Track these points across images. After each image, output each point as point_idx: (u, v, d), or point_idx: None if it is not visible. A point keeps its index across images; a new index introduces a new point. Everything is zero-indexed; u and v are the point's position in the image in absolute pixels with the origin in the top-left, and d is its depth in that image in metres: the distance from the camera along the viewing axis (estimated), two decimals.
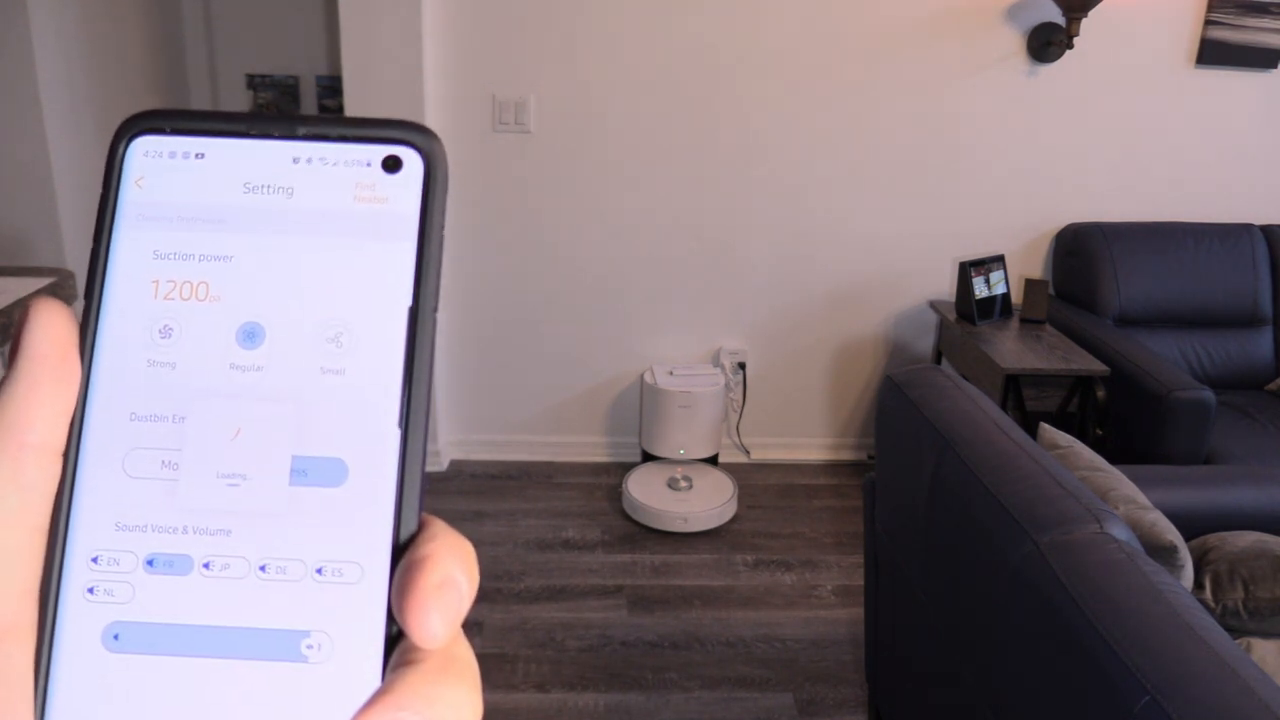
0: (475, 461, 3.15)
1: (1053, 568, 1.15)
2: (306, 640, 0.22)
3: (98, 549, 0.23)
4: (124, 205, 0.24)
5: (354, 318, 0.24)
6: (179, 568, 0.22)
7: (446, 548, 0.22)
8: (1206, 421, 2.41)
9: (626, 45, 2.83)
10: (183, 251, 0.24)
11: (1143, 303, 2.92)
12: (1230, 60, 2.95)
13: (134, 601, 0.22)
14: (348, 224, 0.24)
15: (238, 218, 0.24)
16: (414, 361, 0.24)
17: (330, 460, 0.23)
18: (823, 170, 2.98)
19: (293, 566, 0.23)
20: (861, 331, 3.16)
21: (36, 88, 2.43)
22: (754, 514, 2.89)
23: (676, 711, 2.07)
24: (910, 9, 2.85)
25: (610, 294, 3.05)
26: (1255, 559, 1.66)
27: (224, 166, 0.25)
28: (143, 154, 0.25)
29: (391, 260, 0.24)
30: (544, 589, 2.49)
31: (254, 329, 0.24)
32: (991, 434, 1.45)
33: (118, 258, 0.24)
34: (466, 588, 0.22)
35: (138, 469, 0.23)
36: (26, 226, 2.54)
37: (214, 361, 0.23)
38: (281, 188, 0.24)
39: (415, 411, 0.23)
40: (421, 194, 0.24)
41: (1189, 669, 0.97)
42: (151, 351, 0.24)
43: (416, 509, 0.23)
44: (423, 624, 0.21)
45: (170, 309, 0.24)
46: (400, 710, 0.21)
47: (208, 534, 0.23)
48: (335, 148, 0.25)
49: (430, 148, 0.25)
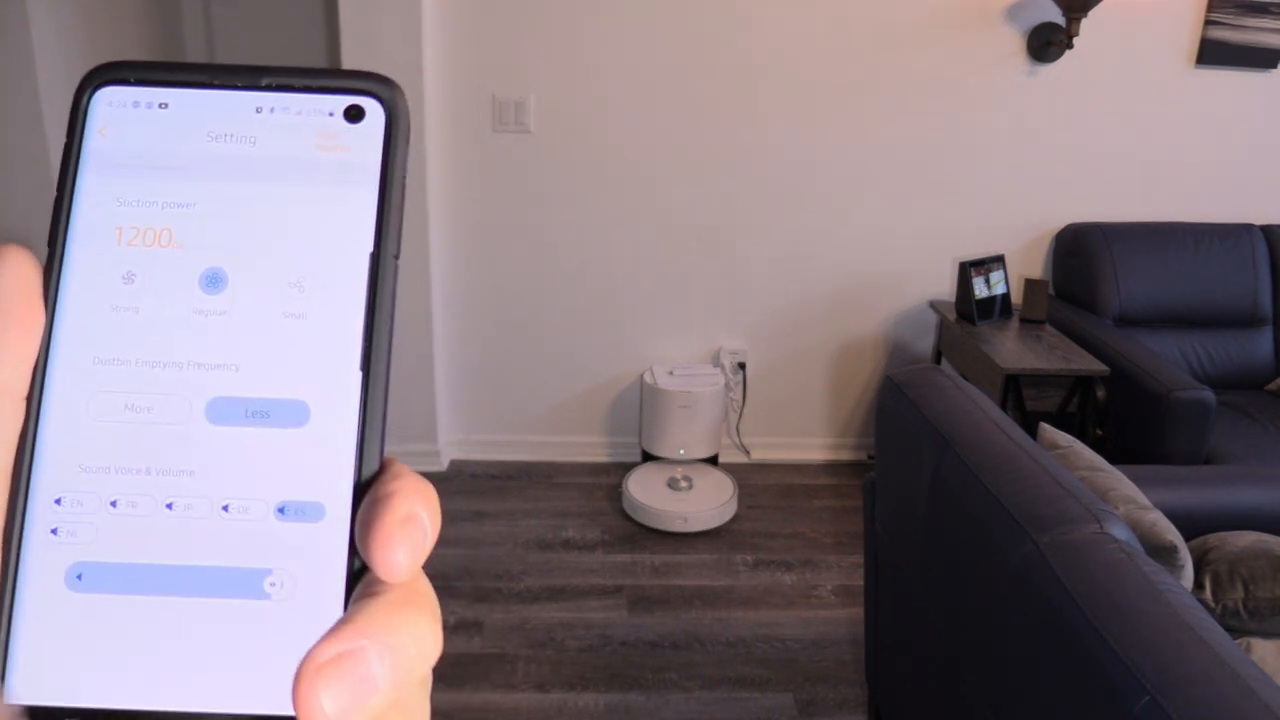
0: (475, 461, 3.14)
1: (1053, 568, 1.15)
2: (269, 578, 0.23)
3: (61, 490, 0.23)
4: (87, 154, 0.25)
5: (316, 263, 0.24)
6: (142, 508, 0.23)
7: (410, 486, 0.23)
8: (1206, 421, 2.41)
9: (626, 45, 2.83)
10: (146, 199, 0.24)
11: (1143, 303, 2.92)
12: (1230, 60, 2.94)
13: (97, 542, 0.23)
14: (310, 172, 0.25)
15: (200, 166, 0.24)
16: (375, 306, 0.24)
17: (292, 402, 0.23)
18: (823, 170, 2.98)
19: (255, 506, 0.23)
20: (861, 331, 3.16)
21: (36, 88, 2.43)
22: (754, 514, 2.89)
23: (676, 711, 2.07)
24: (910, 9, 2.85)
25: (610, 294, 3.05)
26: (1255, 559, 1.66)
27: (187, 116, 0.25)
28: (106, 104, 0.25)
29: (353, 207, 0.24)
30: (544, 589, 2.49)
31: (216, 274, 0.24)
32: (991, 434, 1.45)
33: (81, 205, 0.24)
34: (429, 525, 0.23)
35: (101, 412, 0.23)
36: (27, 225, 2.54)
37: (177, 306, 0.24)
38: (244, 137, 0.25)
39: (376, 354, 0.24)
40: (383, 143, 0.25)
41: (1189, 669, 0.97)
42: (115, 297, 0.24)
43: (378, 450, 0.24)
44: (388, 558, 0.22)
45: (133, 255, 0.24)
46: (362, 638, 0.21)
47: (170, 475, 0.23)
48: (298, 98, 0.25)
49: (392, 98, 0.25)
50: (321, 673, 0.20)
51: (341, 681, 0.20)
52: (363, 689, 0.20)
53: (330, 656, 0.20)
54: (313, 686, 0.20)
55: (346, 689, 0.20)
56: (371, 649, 0.21)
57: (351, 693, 0.20)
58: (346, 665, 0.20)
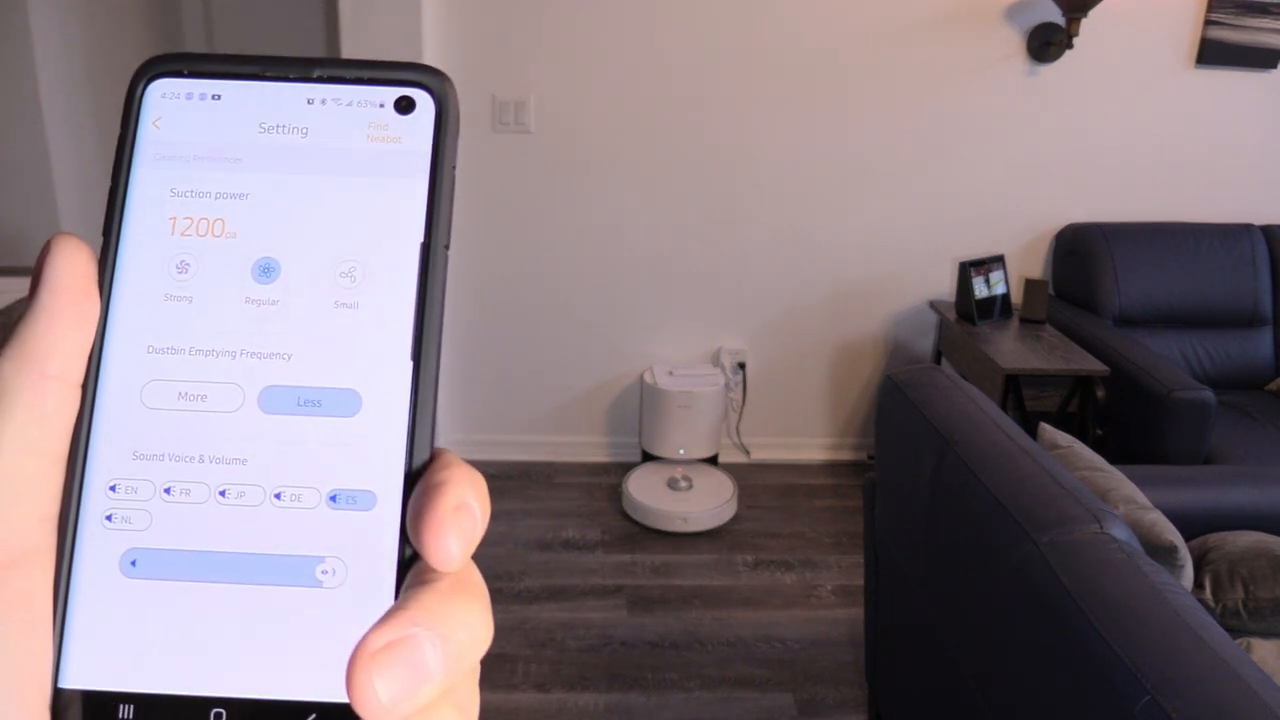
0: (475, 461, 3.13)
1: (1053, 568, 1.15)
2: (321, 566, 0.23)
3: (115, 477, 0.23)
4: (141, 145, 0.25)
5: (367, 253, 0.24)
6: (195, 495, 0.23)
7: (461, 475, 0.23)
8: (1206, 421, 2.41)
9: (626, 45, 2.83)
10: (199, 189, 0.25)
11: (1143, 303, 2.92)
12: (1230, 60, 2.94)
13: (151, 529, 0.23)
14: (361, 162, 0.25)
15: (253, 156, 0.25)
16: (426, 295, 0.24)
17: (344, 391, 0.24)
18: (823, 170, 2.98)
19: (307, 494, 0.23)
20: (861, 331, 3.16)
21: (36, 88, 2.43)
22: (754, 514, 2.89)
23: (676, 711, 2.07)
24: (910, 9, 2.85)
25: (610, 294, 3.05)
26: (1255, 559, 1.66)
27: (240, 107, 0.25)
28: (160, 95, 0.25)
29: (404, 197, 0.25)
30: (544, 589, 2.49)
31: (269, 264, 0.24)
32: (991, 434, 1.45)
33: (135, 195, 0.25)
34: (480, 514, 0.23)
35: (155, 400, 0.24)
36: (26, 226, 2.54)
37: (230, 296, 0.24)
38: (296, 128, 0.25)
39: (427, 344, 0.24)
40: (433, 134, 0.25)
41: (1189, 669, 0.97)
42: (169, 286, 0.24)
43: (429, 439, 0.24)
44: (441, 546, 0.22)
45: (187, 245, 0.24)
46: (414, 625, 0.21)
47: (224, 463, 0.23)
48: (349, 89, 0.25)
49: (442, 89, 0.26)
50: (375, 659, 0.20)
51: (395, 668, 0.20)
52: (416, 676, 0.21)
53: (384, 644, 0.21)
54: (367, 673, 0.20)
55: (400, 676, 0.20)
56: (424, 636, 0.21)
57: (405, 680, 0.20)
58: (400, 652, 0.21)
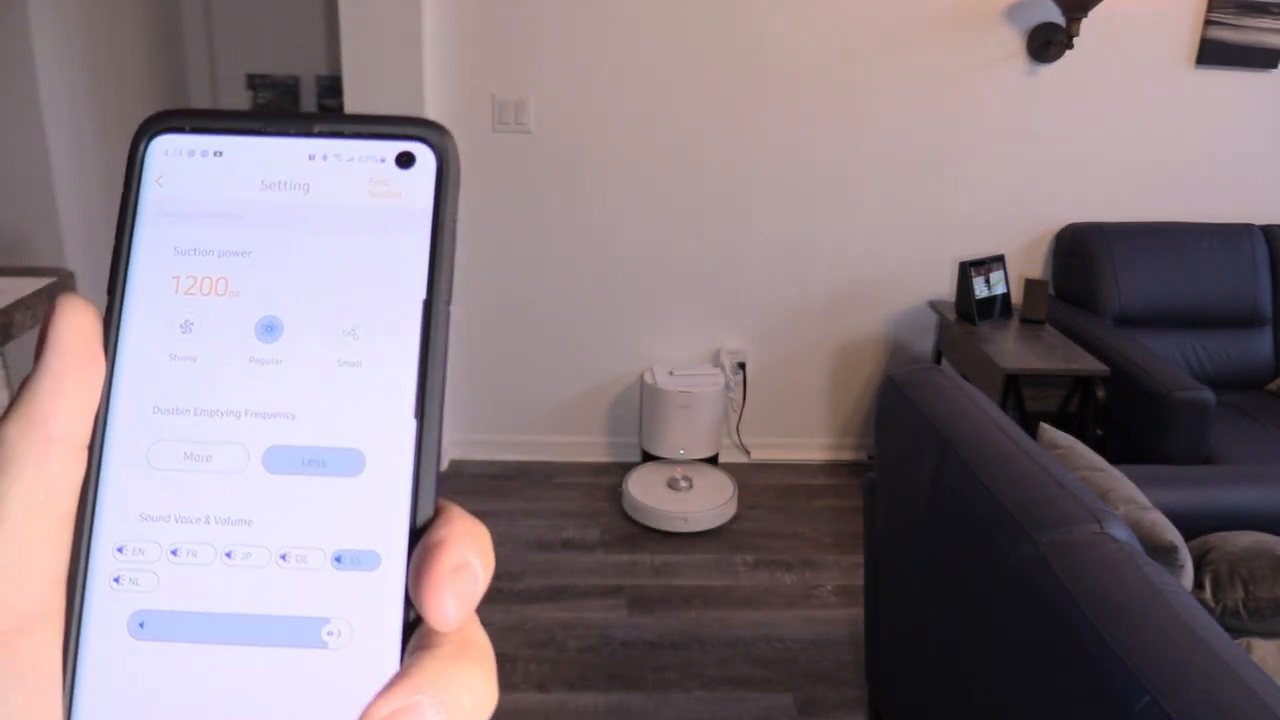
0: (475, 461, 3.15)
1: (1053, 568, 1.15)
2: (327, 627, 0.23)
3: (123, 539, 0.23)
4: (144, 203, 0.25)
5: (370, 311, 0.24)
6: (202, 557, 0.23)
7: (462, 532, 0.23)
8: (1206, 421, 2.41)
9: (626, 45, 2.83)
10: (202, 247, 0.25)
11: (1143, 303, 2.92)
12: (1230, 60, 2.94)
13: (158, 590, 0.23)
14: (363, 219, 0.25)
15: (255, 214, 0.25)
16: (429, 353, 0.24)
17: (348, 451, 0.24)
18: (823, 170, 2.98)
19: (312, 555, 0.23)
20: (861, 331, 3.16)
21: (36, 88, 2.43)
22: (754, 514, 2.89)
23: (676, 711, 2.07)
24: (910, 9, 2.85)
25: (610, 294, 3.05)
26: (1255, 559, 1.66)
27: (242, 164, 0.25)
28: (162, 152, 0.25)
29: (406, 254, 0.25)
30: (544, 589, 2.49)
31: (272, 323, 0.24)
32: (991, 434, 1.45)
33: (139, 254, 0.25)
34: (481, 571, 0.23)
35: (161, 461, 0.24)
36: (26, 226, 2.54)
37: (234, 355, 0.24)
38: (298, 184, 0.25)
39: (430, 402, 0.24)
40: (435, 189, 0.25)
41: (1189, 669, 0.97)
42: (173, 346, 0.24)
43: (433, 497, 0.24)
44: (438, 608, 0.22)
45: (191, 304, 0.24)
46: (417, 693, 0.21)
47: (229, 524, 0.23)
48: (350, 144, 0.25)
49: (443, 143, 0.25)
50: None
51: None
52: None
53: (387, 713, 0.21)
54: None
55: None
56: (428, 704, 0.21)
57: None
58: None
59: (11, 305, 1.62)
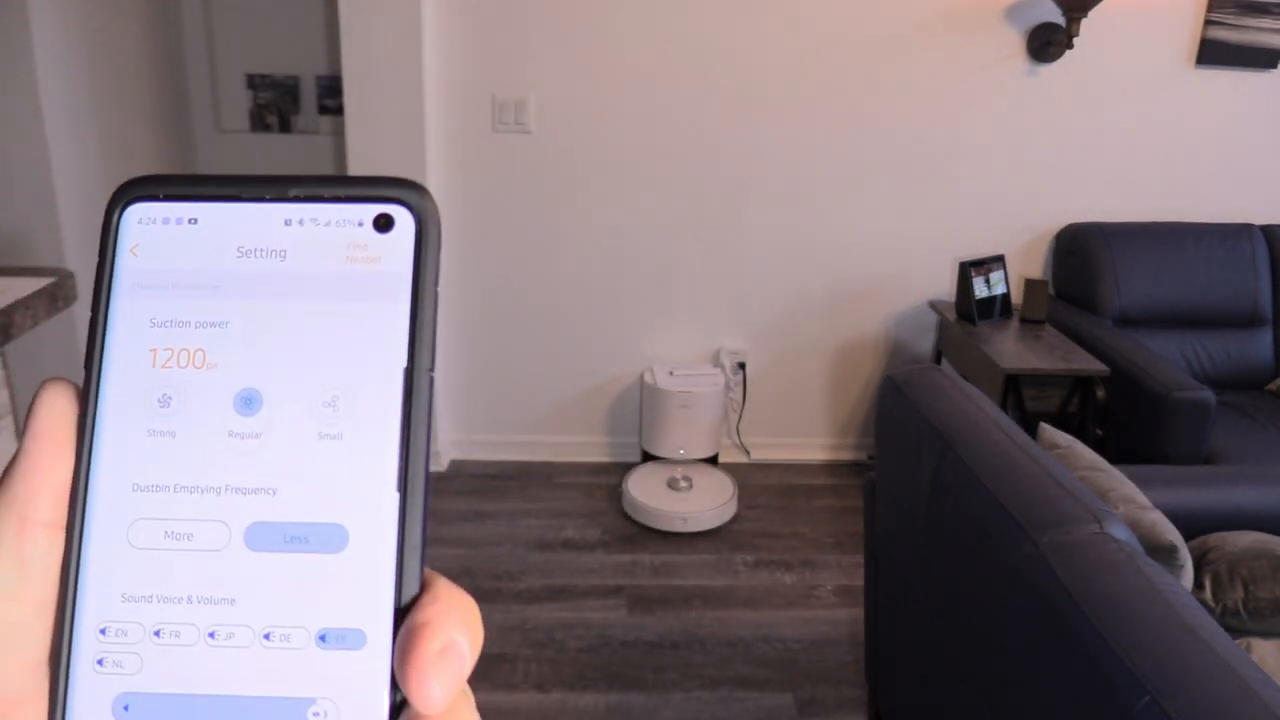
0: (475, 461, 3.14)
1: (1053, 568, 1.15)
2: (313, 708, 0.22)
3: (105, 620, 0.23)
4: (120, 274, 0.25)
5: (350, 381, 0.24)
6: (185, 637, 0.23)
7: (447, 610, 0.23)
8: (1206, 421, 2.41)
9: (626, 45, 2.83)
10: (179, 319, 0.24)
11: (1143, 303, 2.92)
12: (1230, 60, 2.94)
13: (142, 672, 0.23)
14: (341, 286, 0.24)
15: (232, 283, 0.24)
16: (411, 423, 0.24)
17: (330, 526, 0.23)
18: (823, 170, 2.98)
19: (296, 634, 0.23)
20: (861, 331, 3.16)
21: (36, 88, 2.43)
22: (754, 514, 2.89)
23: (676, 711, 2.07)
24: (910, 9, 2.85)
25: (610, 294, 3.05)
26: (1255, 559, 1.66)
27: (217, 231, 0.25)
28: (136, 221, 0.25)
29: (385, 321, 0.24)
30: (544, 589, 2.49)
31: (251, 395, 0.24)
32: (991, 434, 1.45)
33: (115, 327, 0.24)
34: (468, 650, 0.22)
35: (142, 540, 0.23)
36: (26, 226, 2.53)
37: (213, 430, 0.24)
38: (274, 251, 0.24)
39: (413, 473, 0.23)
40: (414, 252, 0.24)
41: (1189, 669, 0.97)
42: (152, 421, 0.24)
43: (418, 571, 0.23)
44: (424, 694, 0.22)
45: (168, 377, 0.24)
46: None
47: (212, 603, 0.23)
48: (327, 208, 0.25)
49: (421, 205, 0.25)
50: None
51: None
52: None
53: None
54: None
55: None
56: None
57: None
58: None
59: (11, 305, 1.62)
